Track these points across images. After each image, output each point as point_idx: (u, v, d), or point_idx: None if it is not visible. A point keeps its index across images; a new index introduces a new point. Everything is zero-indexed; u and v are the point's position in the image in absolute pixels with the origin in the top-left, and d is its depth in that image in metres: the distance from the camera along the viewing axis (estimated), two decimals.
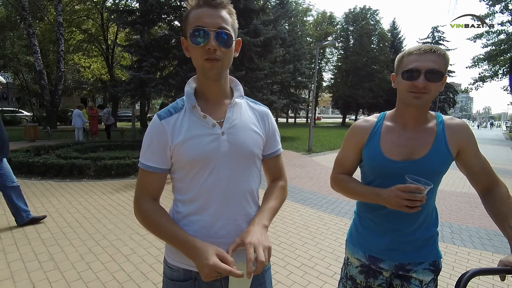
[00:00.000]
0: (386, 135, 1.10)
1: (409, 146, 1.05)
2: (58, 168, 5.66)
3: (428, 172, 1.02)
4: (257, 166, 0.96)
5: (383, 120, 1.14)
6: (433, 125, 1.07)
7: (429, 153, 1.03)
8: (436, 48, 0.97)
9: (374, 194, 1.04)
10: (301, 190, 5.45)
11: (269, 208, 0.94)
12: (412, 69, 0.98)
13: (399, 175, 1.01)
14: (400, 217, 1.07)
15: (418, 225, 1.09)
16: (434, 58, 0.96)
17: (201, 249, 0.78)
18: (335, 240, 3.33)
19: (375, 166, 1.10)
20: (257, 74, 11.09)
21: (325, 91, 37.27)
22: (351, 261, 1.22)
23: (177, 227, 0.85)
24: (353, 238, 1.24)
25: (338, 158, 1.25)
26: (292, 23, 26.83)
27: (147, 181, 0.90)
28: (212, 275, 0.75)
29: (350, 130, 1.19)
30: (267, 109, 1.04)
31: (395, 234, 1.11)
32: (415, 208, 0.94)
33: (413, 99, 0.99)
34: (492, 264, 2.86)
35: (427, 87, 0.96)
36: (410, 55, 1.00)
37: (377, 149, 1.09)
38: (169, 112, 0.89)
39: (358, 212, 1.25)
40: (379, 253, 1.14)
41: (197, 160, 0.86)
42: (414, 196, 0.92)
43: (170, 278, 0.93)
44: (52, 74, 16.81)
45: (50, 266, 2.56)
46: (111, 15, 11.79)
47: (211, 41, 0.80)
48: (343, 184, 1.19)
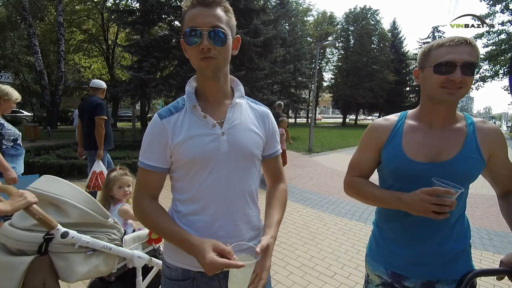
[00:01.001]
0: (409, 134, 0.99)
1: (436, 146, 0.95)
2: (58, 168, 5.66)
3: (457, 176, 0.91)
4: (256, 166, 0.96)
5: (404, 119, 1.04)
6: (462, 126, 0.97)
7: (459, 154, 0.93)
8: (470, 39, 0.88)
9: (395, 199, 0.93)
10: (301, 190, 5.44)
11: (278, 221, 0.95)
12: (447, 62, 0.87)
13: (423, 179, 0.91)
14: (425, 226, 0.96)
15: (447, 235, 0.97)
16: (469, 49, 0.87)
17: (198, 246, 0.78)
18: (335, 240, 3.32)
19: (395, 168, 1.00)
20: (257, 74, 11.07)
21: (326, 91, 37.28)
22: (371, 278, 1.10)
23: (175, 225, 0.86)
24: (373, 252, 1.12)
25: (354, 160, 1.13)
26: (292, 23, 26.83)
27: (146, 180, 0.90)
28: (212, 270, 0.76)
29: (368, 130, 1.09)
30: (268, 109, 1.03)
31: (421, 246, 0.98)
32: (443, 214, 0.83)
33: (447, 95, 0.89)
34: (493, 265, 2.85)
35: (464, 81, 0.87)
36: (440, 47, 0.90)
37: (399, 150, 0.98)
38: (169, 112, 0.89)
39: (377, 222, 1.13)
40: (403, 269, 1.01)
41: (197, 159, 0.86)
42: (443, 200, 0.82)
43: (169, 278, 0.93)
44: (53, 74, 16.82)
45: None
46: (112, 15, 11.80)
47: (204, 40, 0.80)
48: (359, 188, 1.07)
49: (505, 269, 0.85)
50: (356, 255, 2.98)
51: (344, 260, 2.88)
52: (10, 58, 16.66)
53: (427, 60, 0.94)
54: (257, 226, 0.99)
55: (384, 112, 35.41)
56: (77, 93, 24.72)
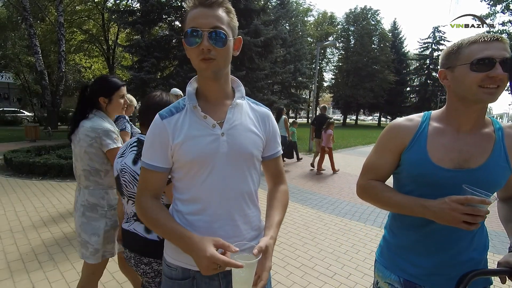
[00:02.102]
0: (435, 138, 0.92)
1: (465, 152, 0.89)
2: (58, 168, 5.67)
3: (486, 184, 0.86)
4: (256, 167, 0.96)
5: (429, 120, 0.96)
6: (491, 131, 0.92)
7: (488, 162, 0.88)
8: (501, 36, 0.83)
9: (419, 206, 0.86)
10: (301, 190, 5.44)
11: (278, 221, 0.94)
12: (485, 58, 0.81)
13: (448, 186, 0.86)
14: (447, 235, 0.91)
15: (467, 245, 0.93)
16: (502, 46, 0.82)
17: (198, 243, 0.78)
18: (335, 240, 3.32)
19: (418, 173, 0.92)
20: (258, 74, 11.08)
21: (326, 91, 37.35)
22: (381, 286, 1.06)
23: (175, 222, 0.86)
24: (384, 259, 1.06)
25: (370, 163, 1.05)
26: (292, 23, 26.87)
27: (148, 180, 0.91)
28: (211, 267, 0.75)
29: (389, 130, 1.00)
30: (269, 110, 1.03)
31: (439, 256, 0.93)
32: (475, 225, 0.78)
33: (486, 95, 0.82)
34: (493, 265, 2.84)
35: (504, 79, 0.80)
36: (472, 44, 0.84)
37: (424, 154, 0.92)
38: (170, 112, 0.90)
39: (391, 227, 1.06)
40: (418, 278, 0.96)
41: (197, 160, 0.86)
42: (478, 210, 0.76)
43: (169, 277, 0.94)
44: (53, 74, 16.82)
45: (50, 266, 2.56)
46: (112, 16, 11.83)
47: (204, 41, 0.80)
48: (376, 192, 1.00)
49: (505, 270, 0.85)
50: (356, 255, 2.98)
51: (344, 260, 2.87)
52: (11, 58, 16.69)
53: (458, 59, 0.87)
54: (258, 226, 0.98)
55: (385, 112, 35.44)
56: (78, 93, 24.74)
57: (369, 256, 2.96)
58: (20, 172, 5.71)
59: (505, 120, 65.84)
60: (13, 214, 3.72)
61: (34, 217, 3.62)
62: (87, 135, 1.54)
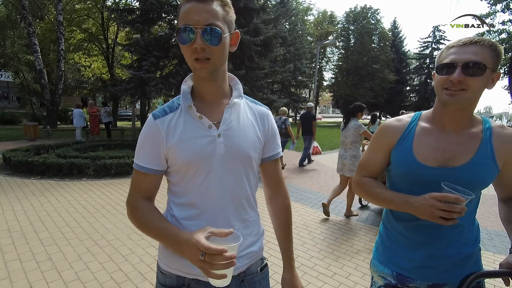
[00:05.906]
0: (421, 137, 0.97)
1: (448, 151, 0.92)
2: (57, 167, 5.66)
3: (468, 182, 0.89)
4: (254, 170, 0.92)
5: (418, 121, 1.01)
6: (478, 131, 0.93)
7: (471, 161, 0.90)
8: (480, 39, 0.85)
9: (404, 202, 0.91)
10: (301, 189, 5.42)
11: (291, 249, 1.06)
12: (448, 63, 0.86)
13: (432, 184, 0.89)
14: (434, 229, 0.95)
15: (455, 239, 0.96)
16: (476, 49, 0.84)
17: (187, 234, 0.73)
18: (334, 240, 3.31)
19: (405, 172, 0.97)
20: (257, 73, 11.04)
21: (326, 90, 37.27)
22: (375, 280, 1.09)
23: (167, 222, 0.82)
24: (379, 254, 1.10)
25: (364, 160, 1.12)
26: (292, 22, 26.80)
27: (140, 182, 0.87)
28: (194, 254, 0.67)
29: (380, 130, 1.07)
30: (268, 109, 0.99)
31: (428, 249, 0.97)
32: (451, 220, 0.82)
33: (447, 96, 0.87)
34: (494, 265, 2.83)
35: (464, 83, 0.83)
36: (450, 48, 0.89)
37: (409, 153, 0.96)
38: (164, 112, 0.85)
39: (384, 222, 1.12)
40: (409, 271, 1.00)
41: (192, 162, 0.82)
42: (452, 207, 0.80)
43: (163, 284, 0.90)
44: (53, 73, 16.79)
45: (48, 266, 2.54)
46: (111, 14, 11.74)
47: (197, 39, 0.74)
48: (368, 188, 1.06)
49: (507, 271, 0.84)
50: (355, 255, 2.96)
51: (344, 260, 2.86)
52: (10, 57, 16.64)
53: (437, 62, 0.93)
54: (257, 231, 0.95)
55: (385, 112, 35.40)
56: (77, 92, 24.70)
57: (369, 256, 2.94)
58: (19, 171, 5.69)
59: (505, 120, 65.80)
60: (11, 213, 3.70)
61: (32, 217, 3.61)
62: None
